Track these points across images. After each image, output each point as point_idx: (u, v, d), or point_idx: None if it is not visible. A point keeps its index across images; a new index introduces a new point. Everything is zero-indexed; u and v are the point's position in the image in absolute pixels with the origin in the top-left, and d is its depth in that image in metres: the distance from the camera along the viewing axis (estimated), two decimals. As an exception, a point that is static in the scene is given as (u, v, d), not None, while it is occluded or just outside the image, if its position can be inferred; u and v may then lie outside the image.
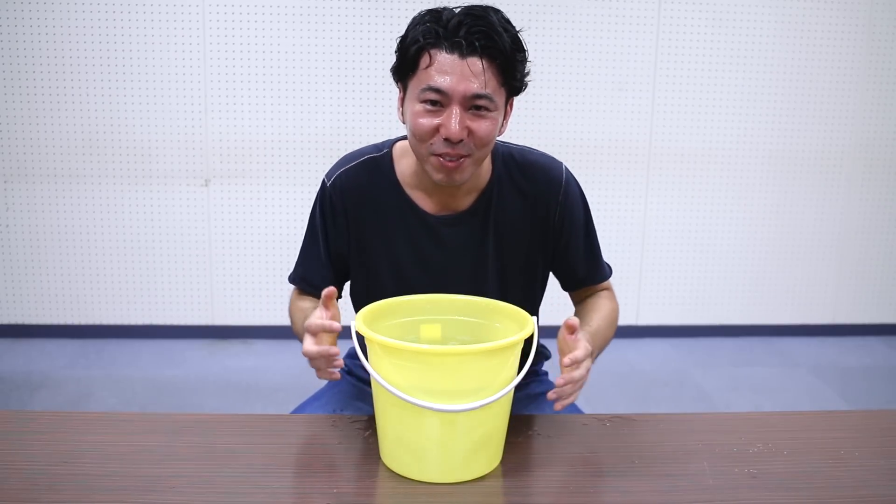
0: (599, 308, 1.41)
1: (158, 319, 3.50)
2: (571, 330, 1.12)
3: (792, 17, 3.45)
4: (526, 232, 1.35)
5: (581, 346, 1.13)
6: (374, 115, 3.34)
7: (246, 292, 3.50)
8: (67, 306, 3.46)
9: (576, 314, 1.44)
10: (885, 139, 3.61)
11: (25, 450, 1.09)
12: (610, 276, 1.48)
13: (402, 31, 1.25)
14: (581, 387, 1.14)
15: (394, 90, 1.29)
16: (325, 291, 1.13)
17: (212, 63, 3.29)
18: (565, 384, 1.11)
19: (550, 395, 1.12)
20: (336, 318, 1.14)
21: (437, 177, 1.23)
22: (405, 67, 1.21)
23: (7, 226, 3.38)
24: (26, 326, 3.46)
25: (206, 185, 3.39)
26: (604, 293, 1.46)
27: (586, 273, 1.43)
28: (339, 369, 1.13)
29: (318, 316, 1.12)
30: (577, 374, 1.11)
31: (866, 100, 3.56)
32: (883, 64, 3.52)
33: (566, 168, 1.37)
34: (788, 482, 1.05)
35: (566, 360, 1.11)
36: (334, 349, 1.11)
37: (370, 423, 1.18)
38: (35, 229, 3.38)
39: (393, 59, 1.26)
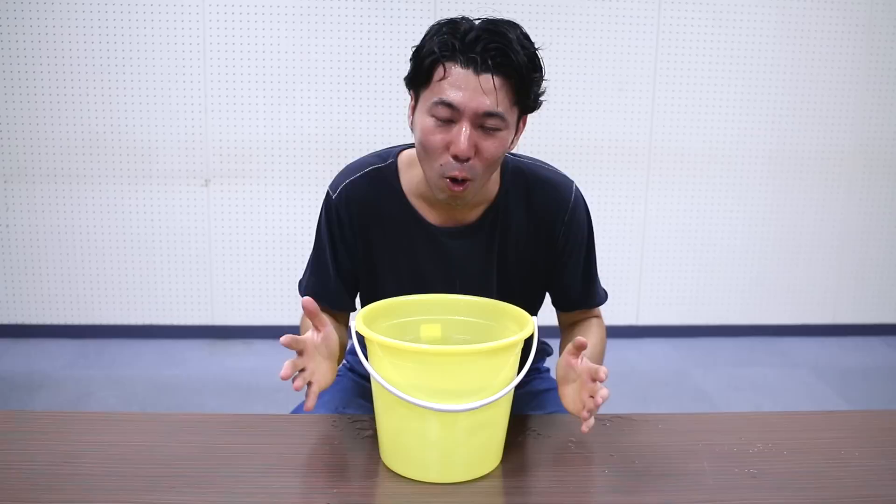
0: (591, 336, 1.37)
1: (158, 319, 3.50)
2: (580, 348, 1.11)
3: (792, 17, 3.45)
4: (530, 248, 1.34)
5: (601, 369, 1.10)
6: (375, 115, 3.34)
7: (246, 292, 3.50)
8: (67, 306, 3.46)
9: (564, 338, 1.42)
10: (885, 139, 3.61)
11: (25, 450, 1.09)
12: (604, 302, 1.45)
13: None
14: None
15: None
16: (305, 305, 1.11)
17: (212, 63, 3.29)
18: (596, 407, 1.08)
19: (585, 429, 1.09)
20: (329, 333, 1.15)
21: (441, 196, 1.22)
22: (419, 78, 1.19)
23: (7, 226, 3.38)
24: (26, 326, 3.46)
25: (206, 185, 3.39)
26: (594, 321, 1.43)
27: (580, 296, 1.41)
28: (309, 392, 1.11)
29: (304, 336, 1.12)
30: (605, 391, 1.08)
31: (866, 100, 3.56)
32: (883, 64, 3.52)
33: (576, 187, 1.36)
34: (788, 482, 1.05)
35: (600, 378, 1.08)
36: (301, 364, 1.10)
37: (370, 423, 1.18)
38: (35, 229, 3.38)
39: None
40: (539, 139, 3.40)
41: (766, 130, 3.55)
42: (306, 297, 1.12)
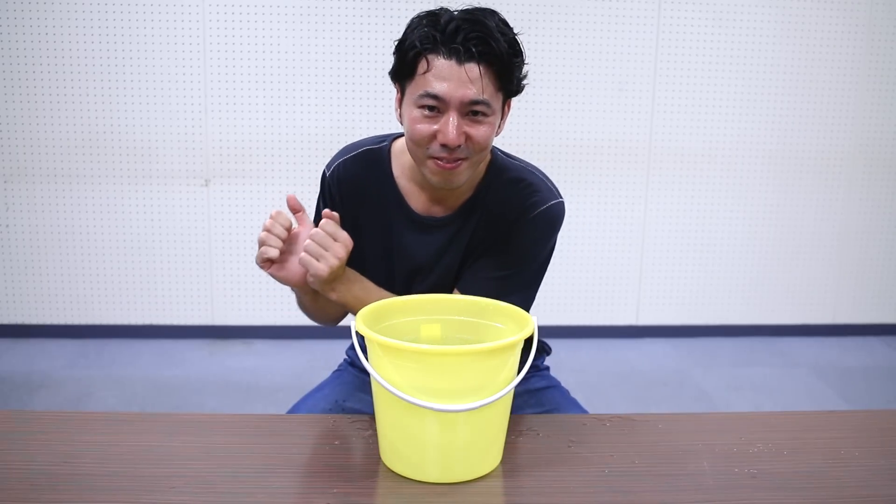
0: None
1: (158, 319, 3.50)
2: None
3: (792, 17, 3.44)
4: (498, 244, 1.34)
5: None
6: (375, 115, 3.34)
7: (246, 292, 3.50)
8: (67, 306, 3.46)
9: None
10: (885, 139, 3.61)
11: (25, 450, 1.09)
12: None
13: (402, 32, 1.26)
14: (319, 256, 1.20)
15: (394, 89, 1.30)
16: (289, 199, 1.24)
17: (212, 63, 3.29)
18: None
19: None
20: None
21: (434, 179, 1.25)
22: (403, 71, 1.22)
23: (7, 226, 3.38)
24: (26, 326, 3.46)
25: (206, 185, 3.39)
26: None
27: (482, 293, 1.25)
28: (272, 251, 1.21)
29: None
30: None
31: (866, 100, 3.55)
32: (883, 64, 3.52)
33: (558, 204, 1.33)
34: (788, 482, 1.05)
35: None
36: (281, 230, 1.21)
37: (370, 423, 1.18)
38: (35, 229, 3.38)
39: (392, 59, 1.27)
40: (539, 139, 3.40)
41: (766, 130, 3.55)
42: (291, 194, 1.24)
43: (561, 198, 1.34)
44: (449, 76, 1.16)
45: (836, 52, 3.49)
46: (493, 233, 1.34)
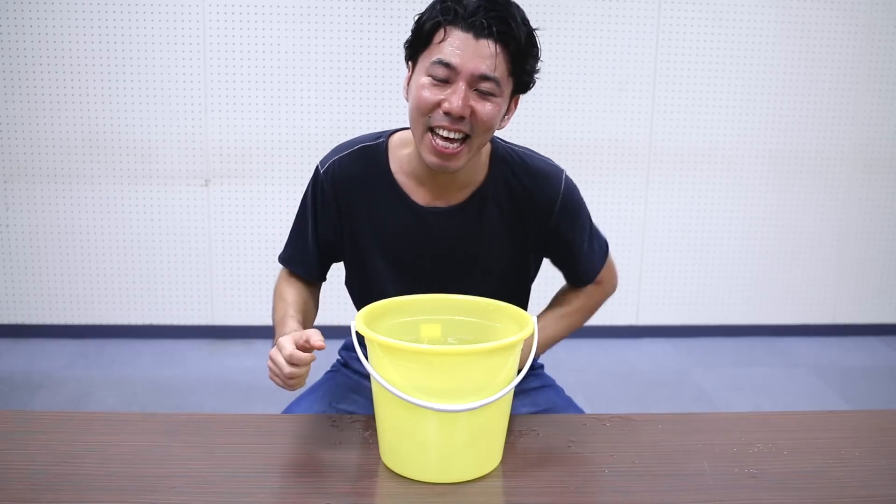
0: (563, 306, 1.46)
1: (158, 319, 3.50)
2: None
3: (792, 17, 3.44)
4: (517, 235, 1.35)
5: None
6: (374, 115, 3.34)
7: (246, 292, 3.50)
8: (67, 306, 3.46)
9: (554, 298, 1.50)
10: (885, 139, 3.61)
11: (25, 450, 1.09)
12: (603, 263, 1.48)
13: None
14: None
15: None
16: (309, 339, 1.11)
17: (212, 63, 3.29)
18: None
19: None
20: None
21: (431, 159, 1.22)
22: (419, 42, 1.21)
23: (7, 226, 3.38)
24: (26, 326, 3.46)
25: (206, 185, 3.39)
26: (585, 290, 1.48)
27: (587, 273, 1.45)
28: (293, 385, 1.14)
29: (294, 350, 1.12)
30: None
31: (866, 100, 3.55)
32: (883, 64, 3.52)
33: (566, 177, 1.36)
34: (788, 482, 1.05)
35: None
36: (297, 371, 1.12)
37: (370, 422, 1.18)
38: (35, 229, 3.38)
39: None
40: (539, 139, 3.40)
41: (766, 130, 3.55)
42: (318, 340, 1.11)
43: (562, 169, 1.37)
44: (464, 47, 1.17)
45: (836, 52, 3.49)
46: (502, 225, 1.34)
